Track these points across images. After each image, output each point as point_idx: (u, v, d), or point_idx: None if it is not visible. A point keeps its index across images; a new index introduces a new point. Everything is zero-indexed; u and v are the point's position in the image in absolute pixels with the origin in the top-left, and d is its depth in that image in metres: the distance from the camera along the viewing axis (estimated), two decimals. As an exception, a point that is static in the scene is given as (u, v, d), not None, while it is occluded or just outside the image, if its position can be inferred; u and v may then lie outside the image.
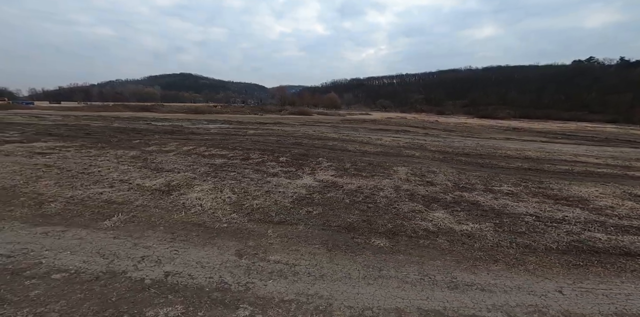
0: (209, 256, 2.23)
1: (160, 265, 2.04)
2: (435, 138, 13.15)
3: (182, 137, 9.83)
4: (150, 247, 2.28)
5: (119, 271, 1.92)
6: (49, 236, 2.33)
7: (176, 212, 2.99)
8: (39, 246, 2.17)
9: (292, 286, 1.94)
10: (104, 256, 2.09)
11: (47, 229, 2.46)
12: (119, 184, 3.73)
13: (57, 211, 2.83)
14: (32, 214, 2.74)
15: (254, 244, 2.48)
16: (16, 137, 9.21)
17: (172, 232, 2.57)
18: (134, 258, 2.10)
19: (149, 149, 6.76)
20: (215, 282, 1.90)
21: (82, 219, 2.69)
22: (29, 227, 2.47)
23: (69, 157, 5.40)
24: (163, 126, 14.77)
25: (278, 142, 8.85)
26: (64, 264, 1.94)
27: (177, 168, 4.78)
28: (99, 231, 2.48)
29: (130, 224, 2.68)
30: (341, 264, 2.27)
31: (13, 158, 5.30)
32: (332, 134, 12.28)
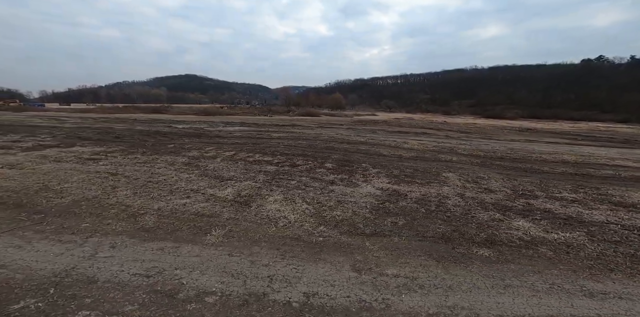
0: (330, 273, 2.23)
1: (293, 285, 2.04)
2: (459, 141, 13.05)
3: (213, 141, 9.89)
4: (268, 265, 2.28)
5: (259, 293, 1.92)
6: (166, 253, 2.35)
7: (267, 226, 2.99)
8: (166, 264, 2.18)
9: (428, 299, 1.95)
10: (233, 275, 2.10)
11: (159, 245, 2.47)
12: (194, 195, 3.75)
13: (154, 225, 2.84)
14: (132, 228, 2.76)
15: (362, 259, 2.47)
16: (50, 141, 9.36)
17: (277, 248, 2.57)
18: (262, 278, 2.10)
19: (192, 155, 6.80)
20: (355, 301, 1.90)
21: (183, 234, 2.71)
22: (140, 242, 2.48)
23: (123, 164, 5.45)
24: (184, 129, 14.89)
25: (311, 147, 8.85)
26: (205, 285, 1.95)
27: (235, 176, 4.79)
28: (209, 247, 2.48)
29: (231, 238, 2.69)
30: (459, 274, 2.27)
31: (67, 165, 5.37)
32: (356, 138, 12.25)
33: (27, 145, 8.55)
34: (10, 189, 3.63)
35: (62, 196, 3.45)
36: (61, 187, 3.76)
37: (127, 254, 2.28)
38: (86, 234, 2.56)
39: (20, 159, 6.01)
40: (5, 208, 3.04)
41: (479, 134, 18.48)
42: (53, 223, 2.73)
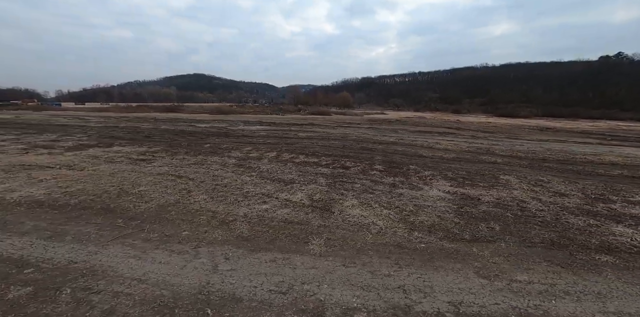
0: (459, 281, 2.13)
1: (431, 295, 1.95)
2: (488, 141, 12.72)
3: (244, 141, 9.88)
4: (390, 275, 2.20)
5: (403, 305, 1.84)
6: (281, 265, 2.28)
7: (361, 233, 2.91)
8: (288, 277, 2.10)
9: (585, 305, 1.88)
10: (362, 288, 2.02)
11: (269, 256, 2.41)
12: (269, 199, 3.69)
13: (250, 233, 2.79)
14: (230, 236, 2.71)
15: (480, 265, 2.37)
16: (88, 140, 9.52)
17: (386, 256, 2.48)
18: (393, 289, 2.02)
19: (236, 155, 6.78)
20: (509, 308, 1.82)
21: (283, 243, 2.64)
22: (249, 253, 2.42)
23: (177, 165, 5.46)
24: (208, 128, 14.98)
25: (346, 148, 8.73)
26: (344, 300, 1.87)
27: (295, 179, 4.73)
28: (319, 258, 2.41)
29: (333, 247, 2.61)
30: (598, 281, 2.18)
31: (123, 166, 5.41)
32: (384, 138, 12.07)
33: (67, 144, 8.71)
34: (89, 192, 3.64)
35: (145, 200, 3.43)
36: (138, 190, 3.75)
37: (245, 266, 2.22)
38: (192, 244, 2.52)
39: (72, 159, 6.10)
40: (97, 213, 3.03)
41: (503, 133, 18.00)
42: (154, 231, 2.70)
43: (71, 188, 3.77)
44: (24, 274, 1.89)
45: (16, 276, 1.86)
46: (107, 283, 1.85)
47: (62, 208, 3.08)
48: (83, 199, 3.35)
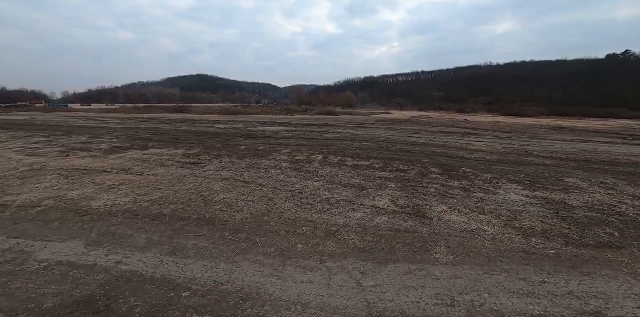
0: (628, 287, 2.02)
1: (615, 302, 1.84)
2: (517, 141, 12.54)
3: (274, 143, 9.76)
4: (548, 282, 2.08)
5: (591, 311, 1.72)
6: (421, 277, 2.15)
7: (475, 239, 2.78)
8: (442, 289, 1.98)
9: None
10: (533, 296, 1.90)
11: (400, 268, 2.27)
12: (356, 206, 3.56)
13: (364, 244, 2.64)
14: (347, 248, 2.57)
15: (630, 271, 2.26)
16: (119, 142, 9.43)
17: (524, 263, 2.36)
18: (564, 296, 1.91)
19: (283, 158, 6.65)
20: None
21: (405, 253, 2.51)
22: (378, 266, 2.28)
23: (234, 170, 5.33)
24: (229, 129, 14.89)
25: (385, 149, 8.58)
26: (540, 310, 1.76)
27: (363, 184, 4.59)
28: (458, 267, 2.28)
29: (460, 255, 2.48)
30: None
31: (180, 170, 5.29)
32: (412, 139, 11.92)
33: (102, 147, 8.62)
34: (174, 201, 3.50)
35: (235, 209, 3.30)
36: (220, 198, 3.63)
37: (388, 281, 2.10)
38: (315, 258, 2.38)
39: (120, 162, 5.99)
40: (198, 224, 2.90)
41: (522, 133, 17.77)
42: (267, 245, 2.57)
43: (152, 195, 3.65)
44: (185, 298, 1.76)
45: (179, 301, 1.73)
46: (275, 310, 1.72)
47: (160, 219, 2.96)
48: (174, 209, 3.23)
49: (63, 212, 3.07)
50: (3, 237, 2.38)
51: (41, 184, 4.21)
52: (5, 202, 3.43)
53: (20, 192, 3.84)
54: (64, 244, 2.32)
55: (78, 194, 3.77)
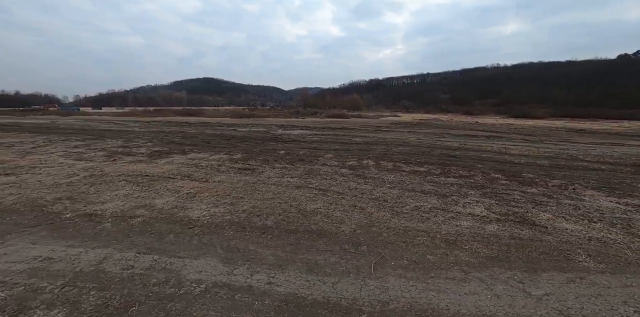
0: None
1: None
2: (551, 145, 12.25)
3: (308, 147, 9.66)
4: None
5: None
6: (590, 285, 2.01)
7: (613, 248, 2.62)
8: (629, 299, 1.84)
9: None
10: None
11: (560, 276, 2.14)
12: (454, 215, 3.42)
13: (492, 252, 2.51)
14: (479, 257, 2.44)
15: None
16: (155, 146, 9.42)
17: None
18: None
19: (334, 163, 6.53)
20: None
21: (547, 262, 2.36)
22: (530, 275, 2.14)
23: (296, 176, 5.19)
24: (251, 133, 14.88)
25: (427, 154, 8.42)
26: None
27: (437, 191, 4.44)
28: (620, 276, 2.14)
29: (610, 264, 2.34)
30: None
31: (241, 177, 5.18)
32: (447, 143, 11.70)
33: (142, 151, 8.60)
34: (269, 211, 3.35)
35: (336, 220, 3.17)
36: (312, 208, 3.49)
37: (555, 289, 1.98)
38: (457, 269, 2.26)
39: (176, 168, 5.90)
40: (309, 237, 2.76)
41: (546, 136, 17.39)
42: (396, 257, 2.43)
43: (240, 205, 3.55)
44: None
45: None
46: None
47: (269, 231, 2.85)
48: (275, 220, 3.11)
49: (166, 223, 2.98)
50: (133, 253, 2.28)
51: (117, 191, 4.15)
52: (95, 211, 3.36)
53: (102, 200, 3.78)
54: (199, 261, 2.21)
55: (163, 202, 3.68)
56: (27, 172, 5.49)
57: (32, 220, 3.07)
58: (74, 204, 3.60)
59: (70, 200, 3.73)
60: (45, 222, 2.99)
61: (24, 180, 4.87)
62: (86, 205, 3.56)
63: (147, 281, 1.88)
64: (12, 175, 5.31)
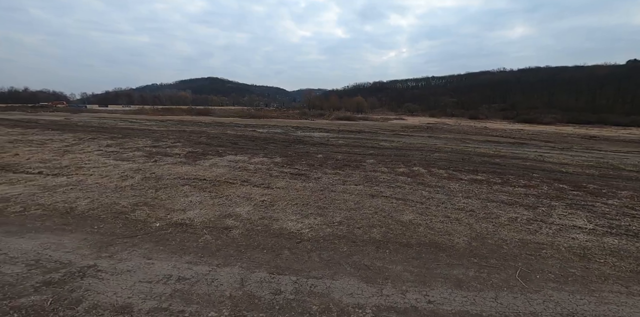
0: None
1: None
2: (583, 153, 12.02)
3: (343, 151, 9.49)
4: None
5: None
6: None
7: None
8: None
9: None
10: None
11: None
12: (555, 226, 3.25)
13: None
14: (629, 271, 2.28)
15: None
16: (189, 147, 9.27)
17: None
18: None
19: (383, 170, 6.36)
20: None
21: None
22: None
23: (356, 183, 5.01)
24: (273, 134, 14.74)
25: (469, 161, 8.21)
26: None
27: (517, 201, 4.25)
28: None
29: None
30: None
31: (299, 183, 4.99)
32: (479, 149, 11.47)
33: (176, 151, 8.43)
34: (366, 223, 3.17)
35: (441, 232, 3.00)
36: (408, 219, 3.32)
37: None
38: (614, 281, 2.10)
39: (222, 172, 5.75)
40: (428, 251, 2.58)
41: (565, 142, 17.12)
42: (536, 270, 2.27)
43: (333, 216, 3.35)
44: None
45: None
46: None
47: (383, 246, 2.65)
48: (380, 233, 2.93)
49: (268, 236, 2.80)
50: (266, 273, 2.10)
51: (187, 197, 3.98)
52: (182, 220, 3.19)
53: (179, 207, 3.61)
54: (338, 281, 2.03)
55: (245, 211, 3.50)
56: (76, 173, 5.35)
57: (124, 229, 2.91)
58: (154, 211, 3.44)
59: (148, 206, 3.57)
60: (141, 233, 2.83)
61: (80, 182, 4.72)
62: (168, 213, 3.40)
63: (309, 309, 1.71)
64: (62, 175, 5.17)
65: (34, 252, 2.36)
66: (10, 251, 2.37)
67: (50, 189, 4.27)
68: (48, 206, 3.51)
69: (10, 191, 4.09)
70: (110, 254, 2.40)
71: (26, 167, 5.61)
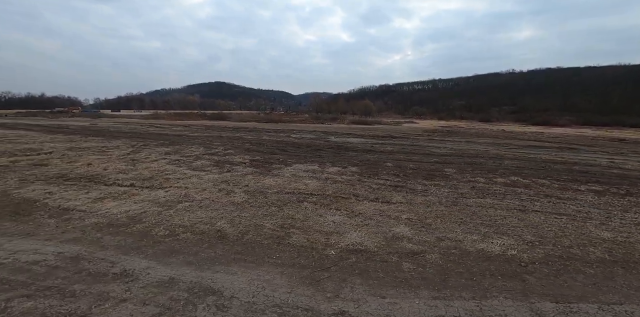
0: None
1: None
2: None
3: (402, 158, 9.10)
4: None
5: None
6: None
7: None
8: None
9: None
10: None
11: None
12: None
13: None
14: None
15: None
16: (244, 155, 8.99)
17: None
18: None
19: (482, 180, 5.92)
20: None
21: None
22: None
23: (480, 197, 4.62)
24: (310, 140, 14.45)
25: (550, 169, 7.73)
26: None
27: None
28: None
29: None
30: None
31: (407, 195, 4.64)
32: (539, 155, 10.95)
33: (238, 159, 8.11)
34: (573, 242, 2.80)
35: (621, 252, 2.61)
36: (607, 236, 2.95)
37: None
38: None
39: (318, 184, 5.34)
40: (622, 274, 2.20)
41: (605, 147, 16.43)
42: None
43: (522, 235, 2.97)
44: None
45: None
46: None
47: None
48: (599, 251, 2.56)
49: (473, 261, 2.43)
50: (522, 303, 1.73)
51: (323, 216, 3.61)
52: (353, 246, 2.81)
53: (328, 229, 3.22)
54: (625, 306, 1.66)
55: (410, 233, 3.12)
56: (169, 186, 5.02)
57: (304, 259, 2.55)
58: (309, 235, 3.08)
59: (297, 229, 3.22)
60: (328, 263, 2.46)
61: (185, 196, 4.37)
62: (326, 237, 3.03)
63: None
64: (157, 188, 4.85)
65: (252, 293, 2.02)
66: (232, 291, 2.03)
67: (166, 205, 3.95)
68: (191, 228, 3.18)
69: (128, 208, 3.80)
70: (334, 293, 2.04)
71: (112, 179, 5.33)
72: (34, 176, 5.33)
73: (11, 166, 6.08)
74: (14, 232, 3.03)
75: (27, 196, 4.16)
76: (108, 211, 3.70)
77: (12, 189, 4.47)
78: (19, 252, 2.56)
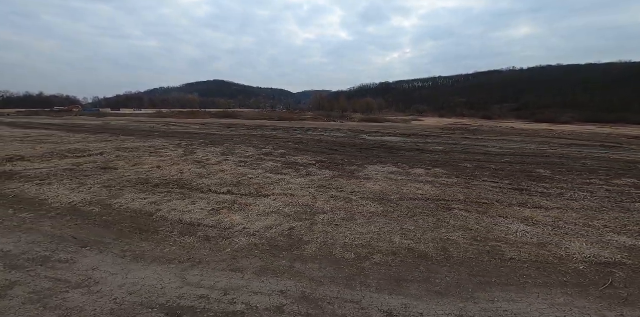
0: None
1: None
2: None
3: (468, 158, 8.60)
4: None
5: None
6: None
7: None
8: None
9: None
10: None
11: None
12: None
13: None
14: None
15: None
16: (303, 155, 8.40)
17: None
18: None
19: (594, 181, 5.45)
20: None
21: None
22: None
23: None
24: (342, 138, 13.89)
25: (633, 169, 7.32)
26: None
27: None
28: None
29: None
30: None
31: (540, 201, 4.13)
32: (594, 154, 10.61)
33: (303, 161, 7.50)
34: None
35: None
36: None
37: None
38: None
39: (417, 187, 4.82)
40: None
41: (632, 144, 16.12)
42: None
43: None
44: None
45: None
46: None
47: None
48: None
49: None
50: None
51: (500, 226, 3.10)
52: (599, 259, 2.31)
53: (531, 240, 2.69)
54: None
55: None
56: (271, 193, 4.38)
57: (560, 276, 2.03)
58: (520, 248, 2.55)
59: (500, 242, 2.67)
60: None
61: (307, 207, 3.80)
62: (544, 249, 2.52)
63: None
64: (260, 196, 4.21)
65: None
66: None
67: (303, 218, 3.36)
68: (378, 248, 2.61)
69: (262, 224, 3.20)
70: None
71: (202, 185, 4.69)
72: (114, 181, 4.70)
73: (77, 169, 5.42)
74: (171, 257, 2.43)
75: (134, 208, 3.55)
76: (245, 227, 3.11)
77: (108, 199, 3.84)
78: (230, 293, 1.95)
